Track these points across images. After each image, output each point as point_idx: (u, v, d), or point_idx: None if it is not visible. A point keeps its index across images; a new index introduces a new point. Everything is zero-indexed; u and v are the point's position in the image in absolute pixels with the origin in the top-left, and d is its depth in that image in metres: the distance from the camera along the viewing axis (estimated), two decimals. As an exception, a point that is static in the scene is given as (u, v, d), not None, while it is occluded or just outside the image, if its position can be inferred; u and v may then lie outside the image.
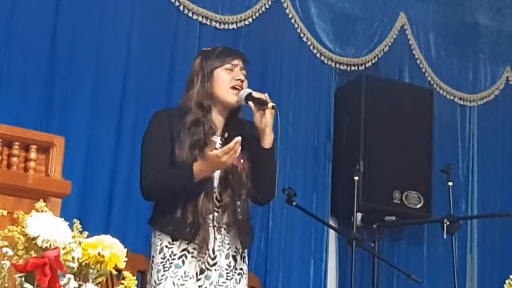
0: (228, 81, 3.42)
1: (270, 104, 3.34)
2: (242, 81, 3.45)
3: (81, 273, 2.36)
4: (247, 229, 3.43)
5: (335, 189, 5.42)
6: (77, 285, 2.31)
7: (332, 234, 5.39)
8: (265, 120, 3.34)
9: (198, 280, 3.31)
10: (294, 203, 4.38)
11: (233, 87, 3.42)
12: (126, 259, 2.42)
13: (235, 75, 3.44)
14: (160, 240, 3.36)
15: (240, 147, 3.26)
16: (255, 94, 3.39)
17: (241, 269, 3.41)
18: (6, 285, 2.27)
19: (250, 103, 3.37)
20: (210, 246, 3.33)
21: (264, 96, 3.37)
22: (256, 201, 3.49)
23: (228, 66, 3.45)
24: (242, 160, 3.40)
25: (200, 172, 3.29)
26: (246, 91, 3.42)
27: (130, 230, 4.61)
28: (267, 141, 3.37)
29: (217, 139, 3.42)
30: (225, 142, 3.40)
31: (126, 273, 2.42)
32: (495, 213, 5.42)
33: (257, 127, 3.38)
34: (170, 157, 3.36)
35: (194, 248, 3.32)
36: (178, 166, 3.33)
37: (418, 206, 5.40)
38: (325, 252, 5.32)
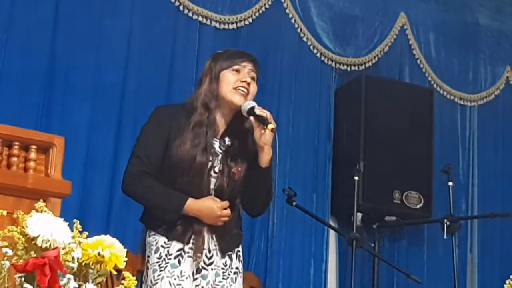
0: (232, 82, 3.38)
1: (270, 126, 3.28)
2: (249, 84, 3.39)
3: (81, 273, 2.36)
4: (230, 237, 3.39)
5: (335, 189, 5.42)
6: (77, 285, 2.31)
7: (332, 234, 5.39)
8: (265, 138, 3.30)
9: (194, 279, 3.30)
10: (294, 203, 4.38)
11: (236, 88, 3.38)
12: (126, 259, 2.42)
13: (242, 77, 3.39)
14: (156, 239, 3.34)
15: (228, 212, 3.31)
16: (258, 111, 3.32)
17: (236, 268, 3.40)
18: (6, 285, 2.27)
19: (252, 118, 3.33)
20: (206, 246, 3.32)
21: (266, 114, 3.31)
22: (248, 212, 3.50)
23: (235, 67, 3.40)
24: (240, 169, 3.38)
25: (190, 210, 3.30)
26: (250, 103, 3.35)
27: (129, 230, 4.60)
28: (265, 159, 3.33)
29: (216, 142, 3.40)
30: (225, 149, 3.39)
31: (126, 273, 2.42)
32: (495, 213, 5.41)
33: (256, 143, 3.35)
34: (162, 156, 3.34)
35: (190, 248, 3.31)
36: (172, 191, 3.31)
37: (418, 206, 5.40)
38: (325, 252, 5.32)
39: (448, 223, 4.81)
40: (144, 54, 4.91)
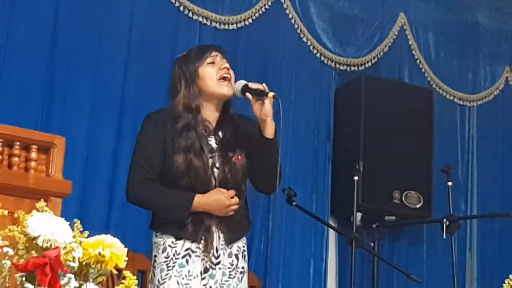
0: (214, 74, 3.38)
1: (271, 94, 3.29)
2: (228, 69, 3.40)
3: (81, 273, 2.37)
4: (235, 225, 3.38)
5: (335, 189, 5.42)
6: (77, 285, 2.32)
7: (332, 234, 5.40)
8: (265, 109, 3.30)
9: (202, 279, 3.30)
10: (294, 203, 4.38)
11: (222, 78, 3.38)
12: (126, 258, 2.42)
13: (219, 65, 3.40)
14: (163, 239, 3.34)
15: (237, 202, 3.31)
16: (252, 85, 3.34)
17: (242, 267, 3.40)
18: (7, 284, 2.27)
19: (248, 94, 3.32)
20: (214, 245, 3.32)
21: (263, 86, 3.33)
22: (261, 190, 3.49)
23: (209, 60, 3.41)
24: (240, 157, 3.39)
25: (199, 205, 3.30)
26: (241, 82, 3.37)
27: (130, 229, 4.61)
28: (269, 131, 3.33)
29: (211, 139, 3.39)
30: (220, 142, 3.39)
31: (126, 273, 2.42)
32: (495, 213, 5.42)
33: (257, 118, 3.33)
34: (162, 162, 3.34)
35: (197, 247, 3.31)
36: (178, 191, 3.31)
37: (418, 206, 5.40)
38: (325, 252, 5.33)
39: (447, 223, 4.80)
40: (144, 55, 4.92)
